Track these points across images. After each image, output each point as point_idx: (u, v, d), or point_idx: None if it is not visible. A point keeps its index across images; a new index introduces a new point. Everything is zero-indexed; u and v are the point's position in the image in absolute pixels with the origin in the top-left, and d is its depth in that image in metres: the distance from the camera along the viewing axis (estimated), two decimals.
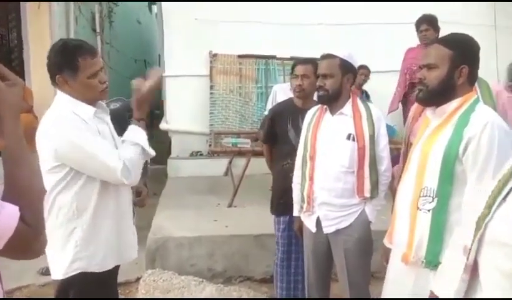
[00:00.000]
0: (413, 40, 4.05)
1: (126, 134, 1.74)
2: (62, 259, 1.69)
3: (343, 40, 4.64)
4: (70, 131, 1.64)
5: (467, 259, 0.95)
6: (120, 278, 3.05)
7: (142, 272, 3.07)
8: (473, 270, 0.96)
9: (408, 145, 2.13)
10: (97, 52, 1.78)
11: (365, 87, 4.64)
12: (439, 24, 3.85)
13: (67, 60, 1.67)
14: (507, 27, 4.97)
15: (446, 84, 1.54)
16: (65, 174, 1.66)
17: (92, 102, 1.75)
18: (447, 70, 1.53)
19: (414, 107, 2.23)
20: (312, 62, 2.49)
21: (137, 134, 1.73)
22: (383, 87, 4.44)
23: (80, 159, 1.65)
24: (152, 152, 1.77)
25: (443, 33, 3.74)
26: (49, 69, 1.71)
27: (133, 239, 1.91)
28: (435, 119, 1.61)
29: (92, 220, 1.70)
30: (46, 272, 3.21)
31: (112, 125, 1.88)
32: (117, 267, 1.87)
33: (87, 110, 1.71)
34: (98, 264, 1.73)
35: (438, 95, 1.56)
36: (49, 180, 1.63)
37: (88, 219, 1.70)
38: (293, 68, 2.63)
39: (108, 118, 1.86)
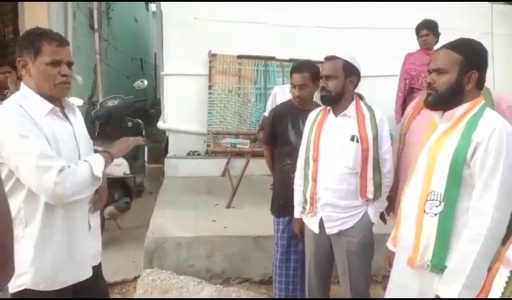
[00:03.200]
0: (411, 45, 4.08)
1: (91, 158, 1.61)
2: None
3: (341, 43, 4.66)
4: (11, 121, 1.45)
5: None
6: (117, 277, 3.06)
7: (139, 271, 3.05)
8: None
9: (404, 143, 2.14)
10: (67, 44, 1.60)
11: (361, 90, 4.65)
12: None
13: (30, 41, 1.52)
14: (504, 35, 5.04)
15: (455, 89, 1.55)
16: (7, 174, 1.46)
17: (51, 96, 1.56)
18: (456, 75, 1.54)
19: (414, 105, 2.23)
20: (309, 68, 2.49)
21: (97, 161, 1.59)
22: (380, 91, 4.45)
23: (13, 152, 1.44)
24: (97, 185, 1.60)
25: (441, 39, 3.81)
26: (15, 55, 1.55)
27: (87, 257, 1.68)
28: (443, 123, 1.62)
29: (39, 231, 1.51)
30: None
31: (81, 127, 1.71)
32: (77, 285, 1.63)
33: (43, 106, 1.53)
34: (45, 282, 1.53)
35: (447, 100, 1.57)
36: None
37: (35, 230, 1.51)
38: (291, 73, 2.59)
39: (76, 117, 1.69)
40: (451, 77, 1.54)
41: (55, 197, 1.47)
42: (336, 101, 2.15)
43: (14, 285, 1.51)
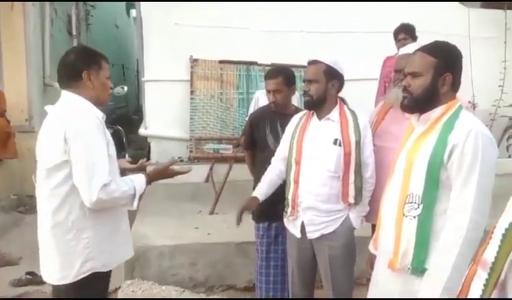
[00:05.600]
0: (391, 48, 4.13)
1: (137, 179, 1.77)
2: (72, 261, 1.66)
3: (323, 48, 4.65)
4: (88, 125, 1.65)
5: (499, 276, 0.94)
6: None
7: (120, 282, 2.98)
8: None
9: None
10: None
11: (344, 94, 4.68)
12: (416, 33, 3.96)
13: (93, 57, 1.78)
14: (481, 37, 5.14)
15: (430, 92, 1.56)
16: (70, 171, 1.63)
17: (100, 104, 1.81)
18: (431, 78, 1.55)
19: (377, 110, 2.27)
20: (282, 73, 2.48)
21: (141, 185, 1.76)
22: (361, 94, 4.48)
23: (79, 152, 1.61)
24: (135, 207, 1.76)
25: (419, 42, 3.86)
26: (73, 67, 1.74)
27: (130, 235, 1.90)
28: (419, 126, 1.62)
29: (100, 218, 1.69)
30: (18, 283, 3.07)
31: None
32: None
33: (98, 114, 1.75)
34: (106, 264, 1.73)
35: (422, 103, 1.58)
36: (55, 177, 1.65)
37: (98, 217, 1.68)
38: (265, 79, 2.58)
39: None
40: (425, 80, 1.55)
41: (93, 203, 1.61)
42: (319, 105, 2.15)
43: (80, 272, 1.66)
